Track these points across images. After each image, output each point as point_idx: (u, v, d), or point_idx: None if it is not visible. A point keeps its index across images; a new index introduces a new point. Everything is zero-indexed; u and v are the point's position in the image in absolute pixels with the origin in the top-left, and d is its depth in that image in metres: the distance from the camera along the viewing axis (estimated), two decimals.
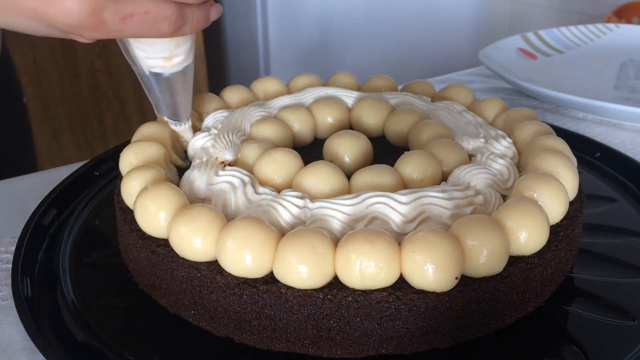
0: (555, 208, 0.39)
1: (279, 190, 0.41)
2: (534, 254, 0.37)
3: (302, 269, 0.34)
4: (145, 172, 0.42)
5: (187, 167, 0.45)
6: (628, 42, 0.94)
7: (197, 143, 0.47)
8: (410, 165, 0.42)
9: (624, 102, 0.70)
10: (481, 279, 0.35)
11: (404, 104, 0.54)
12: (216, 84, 1.79)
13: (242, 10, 1.69)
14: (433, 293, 0.34)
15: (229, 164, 0.45)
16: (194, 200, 0.41)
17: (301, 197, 0.39)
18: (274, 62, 1.70)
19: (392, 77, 0.60)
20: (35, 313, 0.38)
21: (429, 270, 0.33)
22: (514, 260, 0.37)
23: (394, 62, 1.78)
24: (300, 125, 0.51)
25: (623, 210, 0.50)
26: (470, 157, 0.45)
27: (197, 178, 0.43)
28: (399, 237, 0.36)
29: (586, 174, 0.55)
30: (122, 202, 0.43)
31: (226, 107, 0.55)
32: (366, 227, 0.37)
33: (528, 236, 0.36)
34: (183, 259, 0.37)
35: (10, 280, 0.41)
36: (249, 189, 0.41)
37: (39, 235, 0.46)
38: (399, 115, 0.51)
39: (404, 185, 0.41)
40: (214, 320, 0.37)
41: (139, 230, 0.40)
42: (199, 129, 0.50)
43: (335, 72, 0.60)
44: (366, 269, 0.33)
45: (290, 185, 0.42)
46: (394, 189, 0.40)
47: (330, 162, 0.43)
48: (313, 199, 0.39)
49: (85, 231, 0.48)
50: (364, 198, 0.38)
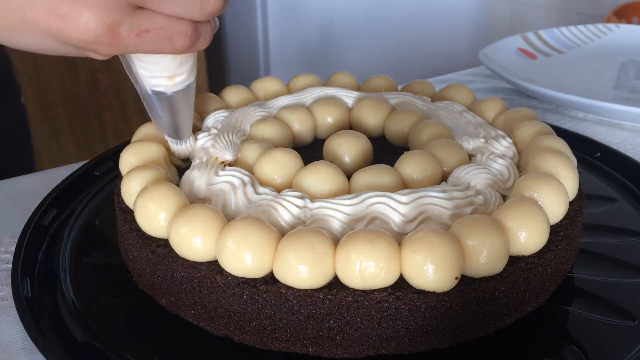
0: (555, 208, 0.39)
1: (279, 190, 0.41)
2: (534, 254, 0.37)
3: (302, 269, 0.34)
4: (145, 172, 0.42)
5: (187, 167, 0.45)
6: (628, 42, 0.94)
7: (197, 143, 0.48)
8: (410, 165, 0.42)
9: (624, 102, 0.70)
10: (481, 279, 0.35)
11: (404, 104, 0.54)
12: (216, 84, 1.79)
13: (242, 10, 1.69)
14: (433, 293, 0.34)
15: (229, 164, 0.45)
16: (194, 200, 0.41)
17: (301, 197, 0.39)
18: (274, 62, 1.70)
19: (392, 77, 0.60)
20: (35, 313, 0.38)
21: (429, 270, 0.33)
22: (514, 260, 0.37)
23: (394, 62, 1.77)
24: (300, 125, 0.51)
25: (623, 210, 0.50)
26: (470, 157, 0.45)
27: (197, 178, 0.43)
28: (399, 237, 0.36)
29: (586, 174, 0.55)
30: (122, 202, 0.43)
31: (226, 107, 0.55)
32: (366, 227, 0.37)
33: (528, 236, 0.36)
34: (183, 259, 0.37)
35: (10, 280, 0.41)
36: (249, 189, 0.41)
37: (39, 235, 0.46)
38: (399, 115, 0.51)
39: (404, 185, 0.41)
40: (214, 320, 0.37)
41: (139, 230, 0.40)
42: (199, 129, 0.50)
43: (335, 72, 0.60)
44: (366, 269, 0.33)
45: (290, 185, 0.42)
46: (394, 189, 0.40)
47: (330, 162, 0.43)
48: (313, 199, 0.39)
49: (85, 231, 0.48)
50: (364, 198, 0.38)
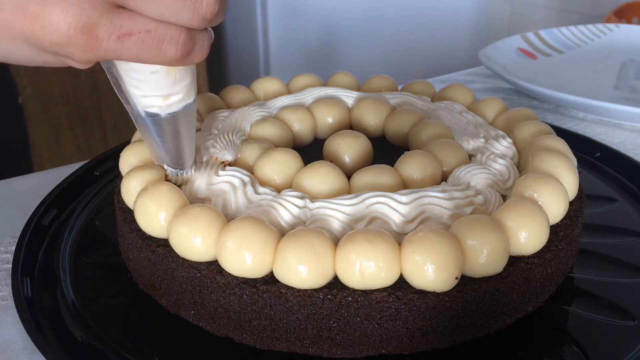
0: (555, 208, 0.39)
1: (279, 190, 0.41)
2: (534, 254, 0.37)
3: (302, 269, 0.34)
4: (145, 172, 0.41)
5: None
6: (628, 42, 0.94)
7: (197, 143, 0.47)
8: (411, 165, 0.42)
9: (624, 102, 0.70)
10: (481, 279, 0.35)
11: (404, 104, 0.54)
12: (216, 84, 1.79)
13: (242, 10, 1.69)
14: (433, 293, 0.34)
15: (229, 164, 0.45)
16: (194, 200, 0.41)
17: (301, 197, 0.39)
18: (274, 62, 1.70)
19: (392, 77, 0.60)
20: (35, 313, 0.38)
21: (429, 270, 0.33)
22: (514, 260, 0.37)
23: (394, 62, 1.77)
24: (300, 125, 0.51)
25: (623, 210, 0.50)
26: (470, 157, 0.45)
27: (197, 178, 0.43)
28: (399, 237, 0.36)
29: (586, 174, 0.55)
30: (122, 202, 0.43)
31: (226, 107, 0.55)
32: (366, 227, 0.37)
33: (528, 236, 0.36)
34: (183, 259, 0.37)
35: (10, 280, 0.41)
36: (249, 189, 0.41)
37: (39, 235, 0.46)
38: (399, 115, 0.51)
39: (404, 185, 0.41)
40: (214, 320, 0.37)
41: (139, 230, 0.40)
42: (199, 129, 0.50)
43: (335, 72, 0.60)
44: (366, 269, 0.33)
45: (290, 185, 0.42)
46: (394, 189, 0.40)
47: (330, 162, 0.43)
48: (313, 199, 0.39)
49: (85, 231, 0.48)
50: (364, 198, 0.38)
